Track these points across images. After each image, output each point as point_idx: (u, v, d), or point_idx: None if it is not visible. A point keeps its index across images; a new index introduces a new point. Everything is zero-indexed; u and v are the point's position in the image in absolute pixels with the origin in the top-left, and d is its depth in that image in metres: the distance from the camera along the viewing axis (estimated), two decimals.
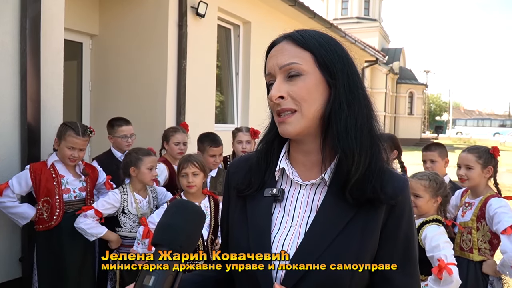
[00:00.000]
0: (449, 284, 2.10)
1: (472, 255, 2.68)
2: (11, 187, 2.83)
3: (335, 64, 1.02)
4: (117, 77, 5.48)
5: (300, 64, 1.00)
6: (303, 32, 1.05)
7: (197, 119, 5.55)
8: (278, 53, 1.03)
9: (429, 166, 3.22)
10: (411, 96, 29.32)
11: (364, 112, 1.04)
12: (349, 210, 1.00)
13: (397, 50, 28.67)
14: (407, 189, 1.05)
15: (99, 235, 2.85)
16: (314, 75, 1.01)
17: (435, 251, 2.20)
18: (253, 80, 6.91)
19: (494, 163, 2.74)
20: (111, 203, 2.89)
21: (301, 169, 1.09)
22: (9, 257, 3.23)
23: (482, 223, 2.64)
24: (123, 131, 3.54)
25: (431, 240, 2.25)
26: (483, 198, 2.67)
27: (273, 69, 1.03)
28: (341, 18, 27.22)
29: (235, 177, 1.17)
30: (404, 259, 1.03)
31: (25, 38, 3.14)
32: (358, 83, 1.05)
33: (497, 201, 2.61)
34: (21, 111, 3.19)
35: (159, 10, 5.14)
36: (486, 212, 2.61)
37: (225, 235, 1.23)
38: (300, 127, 1.01)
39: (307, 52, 1.01)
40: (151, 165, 2.97)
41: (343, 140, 0.99)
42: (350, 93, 1.02)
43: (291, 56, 1.01)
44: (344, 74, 1.03)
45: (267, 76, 1.06)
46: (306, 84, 1.00)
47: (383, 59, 16.11)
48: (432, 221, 2.38)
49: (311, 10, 7.97)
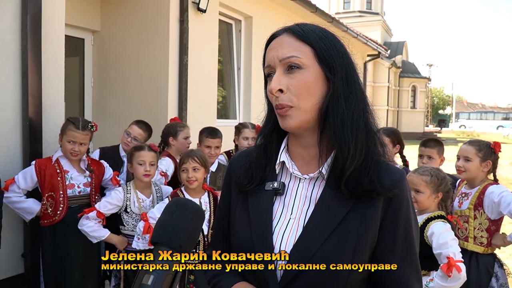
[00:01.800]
0: (457, 281, 2.11)
1: (467, 244, 2.69)
2: (17, 183, 2.87)
3: (334, 58, 1.03)
4: (119, 72, 5.48)
5: (300, 58, 1.01)
6: (304, 26, 1.05)
7: (199, 114, 5.55)
8: (279, 45, 1.04)
9: (425, 161, 3.19)
10: (414, 89, 29.23)
11: (361, 107, 1.05)
12: (346, 202, 1.01)
13: (399, 43, 28.55)
14: (404, 181, 1.06)
15: (101, 238, 2.86)
16: (313, 69, 1.02)
17: (443, 249, 2.19)
18: (255, 74, 6.89)
19: (494, 158, 2.72)
20: (113, 203, 2.88)
21: (300, 162, 1.10)
22: (11, 253, 3.25)
23: (480, 211, 2.64)
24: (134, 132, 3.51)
25: (438, 237, 2.23)
26: (481, 187, 2.68)
27: (273, 61, 1.04)
28: (343, 12, 27.13)
29: (236, 172, 1.18)
30: (404, 250, 1.05)
31: (26, 34, 3.13)
32: (356, 78, 1.06)
33: (498, 187, 2.62)
34: (22, 107, 3.19)
35: (161, 5, 5.12)
36: (485, 199, 2.61)
37: (222, 229, 1.22)
38: (299, 120, 1.02)
39: (307, 46, 1.02)
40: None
41: (339, 133, 1.01)
42: (347, 87, 1.03)
43: (291, 49, 1.02)
44: (343, 69, 1.04)
45: (267, 68, 1.07)
46: (305, 78, 1.01)
47: (386, 53, 16.04)
48: (437, 217, 2.36)
49: (313, 4, 7.94)
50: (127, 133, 3.50)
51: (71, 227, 2.88)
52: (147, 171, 2.88)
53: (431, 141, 3.32)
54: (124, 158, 3.46)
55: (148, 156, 2.90)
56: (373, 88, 23.82)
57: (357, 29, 12.94)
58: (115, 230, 2.96)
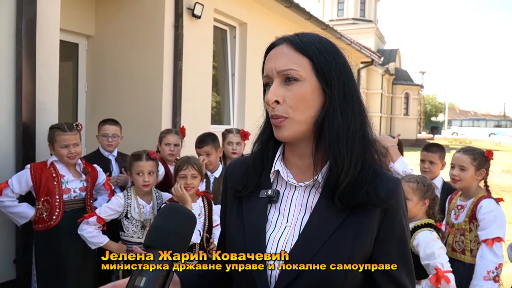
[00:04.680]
0: None
1: (464, 257, 2.68)
2: (10, 187, 2.82)
3: (332, 71, 1.03)
4: (113, 78, 5.47)
5: (298, 71, 1.01)
6: (303, 37, 1.05)
7: (193, 120, 5.55)
8: (277, 56, 1.04)
9: (427, 166, 3.20)
10: (407, 97, 29.41)
11: (358, 120, 1.05)
12: (340, 212, 1.01)
13: (392, 51, 28.73)
14: (399, 189, 1.07)
15: (99, 244, 2.84)
16: (310, 81, 1.02)
17: (431, 259, 2.18)
18: (249, 80, 6.91)
19: (487, 166, 2.72)
20: (114, 209, 2.88)
21: (296, 171, 1.10)
22: (3, 259, 3.22)
23: (475, 223, 2.64)
24: (104, 130, 3.57)
25: (425, 247, 2.22)
26: (475, 199, 2.67)
27: (270, 71, 1.04)
28: (337, 19, 27.27)
29: (232, 178, 1.18)
30: (401, 258, 1.06)
31: (21, 39, 3.13)
32: (354, 90, 1.06)
33: (488, 204, 2.60)
34: (16, 112, 3.18)
35: (155, 11, 5.13)
36: (478, 213, 2.61)
37: (221, 237, 1.24)
38: (293, 131, 1.02)
39: (305, 58, 1.02)
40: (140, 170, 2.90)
41: (334, 147, 1.01)
42: (344, 100, 1.03)
43: (289, 62, 1.02)
44: (340, 81, 1.04)
45: (265, 78, 1.07)
46: (302, 90, 1.01)
47: (379, 60, 16.16)
48: (424, 225, 2.35)
49: (307, 12, 7.98)
50: (104, 135, 3.54)
51: (67, 232, 2.87)
52: (146, 182, 2.89)
53: (433, 146, 3.32)
54: (109, 156, 3.55)
55: (146, 165, 2.91)
56: (366, 95, 23.93)
57: (351, 36, 13.03)
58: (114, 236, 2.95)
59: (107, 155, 3.56)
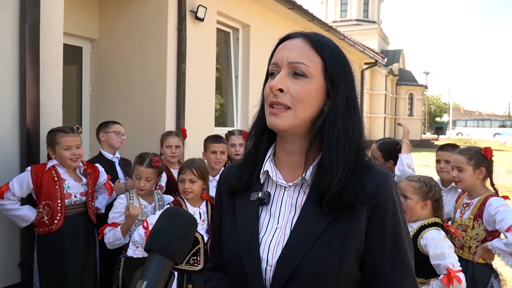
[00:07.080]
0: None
1: (462, 252, 2.68)
2: (11, 190, 2.81)
3: (340, 77, 1.04)
4: (117, 81, 5.49)
5: (309, 67, 1.02)
6: (321, 37, 1.07)
7: (197, 122, 5.56)
8: (292, 47, 1.05)
9: (443, 166, 3.18)
10: (411, 97, 29.34)
11: (356, 131, 1.06)
12: (328, 212, 1.01)
13: (396, 52, 28.71)
14: (387, 183, 1.04)
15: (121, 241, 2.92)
16: (318, 81, 1.03)
17: (441, 259, 2.16)
18: (253, 82, 6.91)
19: (487, 164, 2.70)
20: (119, 211, 2.96)
21: (285, 170, 1.11)
22: (8, 262, 3.22)
23: (478, 221, 2.63)
24: (116, 128, 3.60)
25: (434, 247, 2.20)
26: (482, 197, 2.67)
27: (281, 60, 1.04)
28: (340, 21, 27.30)
29: (226, 181, 1.19)
30: (393, 253, 1.03)
31: (24, 43, 3.14)
32: (355, 103, 1.07)
33: (497, 200, 2.60)
34: (20, 116, 3.19)
35: (159, 14, 5.15)
36: (485, 211, 2.60)
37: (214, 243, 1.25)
38: (289, 124, 1.02)
39: (319, 57, 1.03)
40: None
41: (332, 151, 1.01)
42: (346, 109, 1.05)
43: (302, 56, 1.03)
44: (347, 90, 1.05)
45: (272, 65, 1.07)
46: (308, 87, 1.02)
47: (383, 61, 16.12)
48: (431, 225, 2.33)
49: (310, 13, 7.98)
50: (116, 132, 3.57)
51: (68, 236, 2.88)
52: (141, 187, 2.97)
53: (448, 145, 3.32)
54: (113, 159, 3.57)
55: (145, 172, 2.96)
56: (370, 96, 23.90)
57: (354, 37, 13.02)
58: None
59: (111, 157, 3.56)
